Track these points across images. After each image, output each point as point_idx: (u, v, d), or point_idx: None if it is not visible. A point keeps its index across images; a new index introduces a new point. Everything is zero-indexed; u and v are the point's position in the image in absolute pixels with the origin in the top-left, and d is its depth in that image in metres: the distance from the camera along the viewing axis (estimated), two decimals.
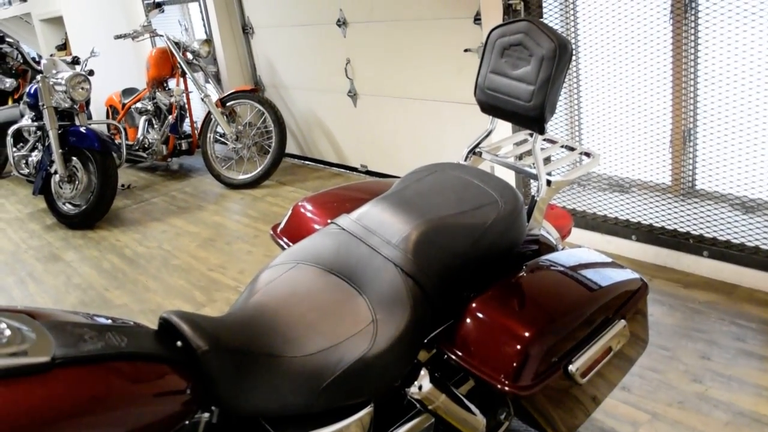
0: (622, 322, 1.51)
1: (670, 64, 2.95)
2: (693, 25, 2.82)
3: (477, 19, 3.73)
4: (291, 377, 1.20)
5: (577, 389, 1.50)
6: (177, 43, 5.29)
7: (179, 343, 1.14)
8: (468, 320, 1.39)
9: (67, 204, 4.80)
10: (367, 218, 1.49)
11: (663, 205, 3.07)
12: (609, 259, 1.68)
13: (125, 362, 1.05)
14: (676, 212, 3.03)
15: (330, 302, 1.35)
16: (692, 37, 2.84)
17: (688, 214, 2.98)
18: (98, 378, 0.99)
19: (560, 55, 1.52)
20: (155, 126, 5.60)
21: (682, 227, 3.00)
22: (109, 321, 1.16)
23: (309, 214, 1.82)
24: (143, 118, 5.64)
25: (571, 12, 3.23)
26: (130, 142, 5.67)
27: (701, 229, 2.94)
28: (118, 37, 5.39)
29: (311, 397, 1.21)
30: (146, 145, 5.62)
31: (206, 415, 1.15)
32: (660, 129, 3.07)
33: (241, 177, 5.25)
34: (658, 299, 2.82)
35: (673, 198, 3.09)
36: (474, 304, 1.40)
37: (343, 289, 1.39)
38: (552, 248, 1.73)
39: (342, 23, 4.73)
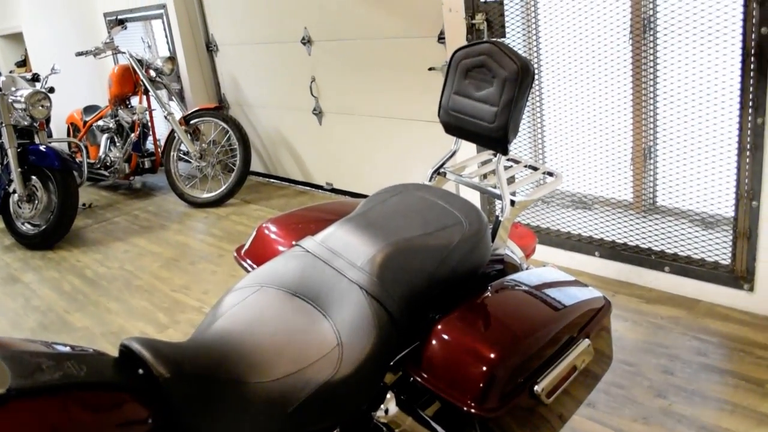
0: (587, 341, 1.52)
1: (630, 83, 3.01)
2: (652, 45, 2.88)
3: (441, 38, 3.77)
4: (256, 403, 1.18)
5: (544, 408, 1.50)
6: (140, 61, 5.23)
7: (141, 371, 1.12)
8: (433, 342, 1.39)
9: (26, 224, 4.70)
10: (331, 240, 1.48)
11: (625, 221, 3.12)
12: (572, 278, 1.69)
13: (85, 392, 1.02)
14: (637, 228, 3.07)
15: (295, 326, 1.34)
16: (651, 57, 2.90)
17: (650, 230, 3.03)
18: (57, 410, 0.96)
19: (522, 77, 1.53)
20: (117, 144, 5.53)
21: (643, 243, 3.05)
22: (68, 349, 1.13)
23: (273, 236, 1.80)
24: (105, 136, 5.56)
25: (534, 32, 3.28)
26: (92, 161, 5.59)
27: (662, 244, 2.99)
28: (79, 54, 5.32)
29: (277, 423, 1.19)
30: (108, 164, 5.54)
31: None
32: (621, 147, 3.13)
33: (205, 195, 5.20)
34: (622, 315, 2.86)
35: (635, 214, 3.14)
36: (439, 326, 1.40)
37: (308, 312, 1.38)
38: (516, 268, 1.74)
39: (307, 41, 4.74)
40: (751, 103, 2.51)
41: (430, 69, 3.90)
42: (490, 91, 1.58)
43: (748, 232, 2.66)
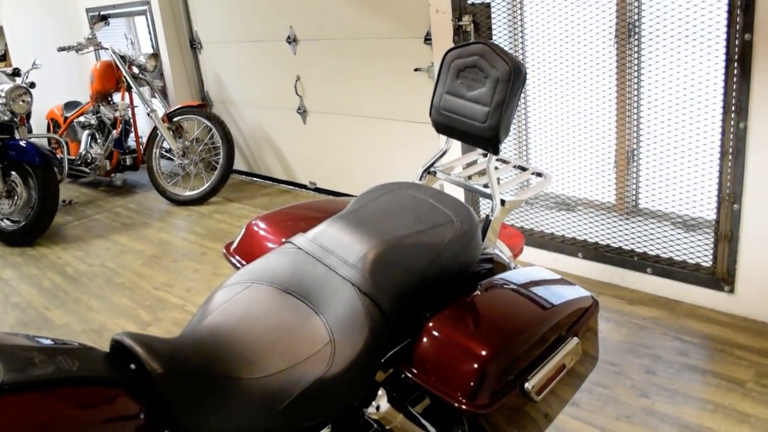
0: (575, 340, 1.53)
1: (615, 86, 3.04)
2: (636, 49, 2.92)
3: (427, 39, 3.78)
4: (248, 399, 1.18)
5: (531, 407, 1.52)
6: (123, 57, 5.19)
7: (133, 366, 1.11)
8: (425, 339, 1.39)
9: (5, 220, 4.64)
10: (323, 237, 1.48)
11: (608, 223, 3.15)
12: (560, 278, 1.71)
13: (77, 387, 1.02)
14: (620, 230, 3.11)
15: (287, 323, 1.34)
16: (635, 61, 2.93)
17: (632, 232, 3.06)
18: (50, 404, 0.95)
19: (514, 77, 1.55)
20: (99, 140, 5.47)
21: (626, 245, 3.08)
22: (59, 343, 1.12)
23: (263, 233, 1.80)
24: (86, 132, 5.51)
25: (519, 34, 3.31)
26: (72, 157, 5.53)
27: (645, 246, 3.02)
28: (61, 49, 5.27)
29: (269, 419, 1.19)
30: (89, 160, 5.49)
31: None
32: (605, 149, 3.16)
33: (188, 193, 5.17)
34: (605, 315, 2.89)
35: (618, 216, 3.17)
36: (431, 323, 1.41)
37: (299, 309, 1.38)
38: (505, 267, 1.75)
39: (292, 40, 4.73)
40: (734, 108, 2.55)
41: (415, 70, 3.91)
42: (482, 92, 1.59)
43: (729, 234, 2.70)
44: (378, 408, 1.36)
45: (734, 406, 2.27)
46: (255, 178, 5.69)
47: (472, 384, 1.32)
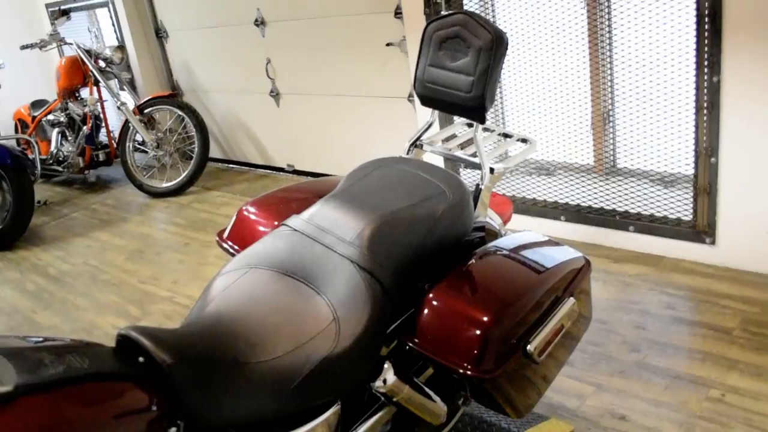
0: (572, 300, 1.57)
1: (587, 49, 3.06)
2: (607, 11, 2.93)
3: (398, 13, 3.76)
4: (258, 382, 1.19)
5: (531, 370, 1.55)
6: (88, 51, 5.10)
7: (141, 359, 1.11)
8: (427, 310, 1.41)
9: None
10: (318, 217, 1.49)
11: (588, 185, 3.19)
12: (552, 240, 1.74)
13: (89, 384, 1.02)
14: (600, 191, 3.15)
15: (289, 304, 1.35)
16: (606, 23, 2.95)
17: (613, 192, 3.11)
18: (65, 403, 0.96)
19: (497, 45, 1.56)
20: (69, 138, 5.39)
21: (607, 205, 3.13)
22: (65, 342, 1.12)
23: (254, 218, 1.80)
24: (56, 130, 5.41)
25: (490, 2, 3.31)
26: (44, 156, 5.43)
27: (626, 205, 3.07)
28: (24, 47, 5.15)
29: (280, 400, 1.20)
30: (61, 159, 5.40)
31: (173, 429, 1.12)
32: (580, 112, 3.19)
33: (165, 185, 5.12)
34: (592, 275, 2.92)
35: (597, 177, 3.21)
36: (431, 294, 1.43)
37: (300, 290, 1.39)
38: (497, 234, 1.77)
39: (260, 23, 4.68)
40: (706, 63, 2.58)
41: (387, 44, 3.89)
42: (465, 62, 1.60)
43: (708, 187, 2.75)
44: (385, 381, 1.38)
45: (723, 353, 2.33)
46: (231, 165, 5.65)
47: (476, 350, 1.35)
